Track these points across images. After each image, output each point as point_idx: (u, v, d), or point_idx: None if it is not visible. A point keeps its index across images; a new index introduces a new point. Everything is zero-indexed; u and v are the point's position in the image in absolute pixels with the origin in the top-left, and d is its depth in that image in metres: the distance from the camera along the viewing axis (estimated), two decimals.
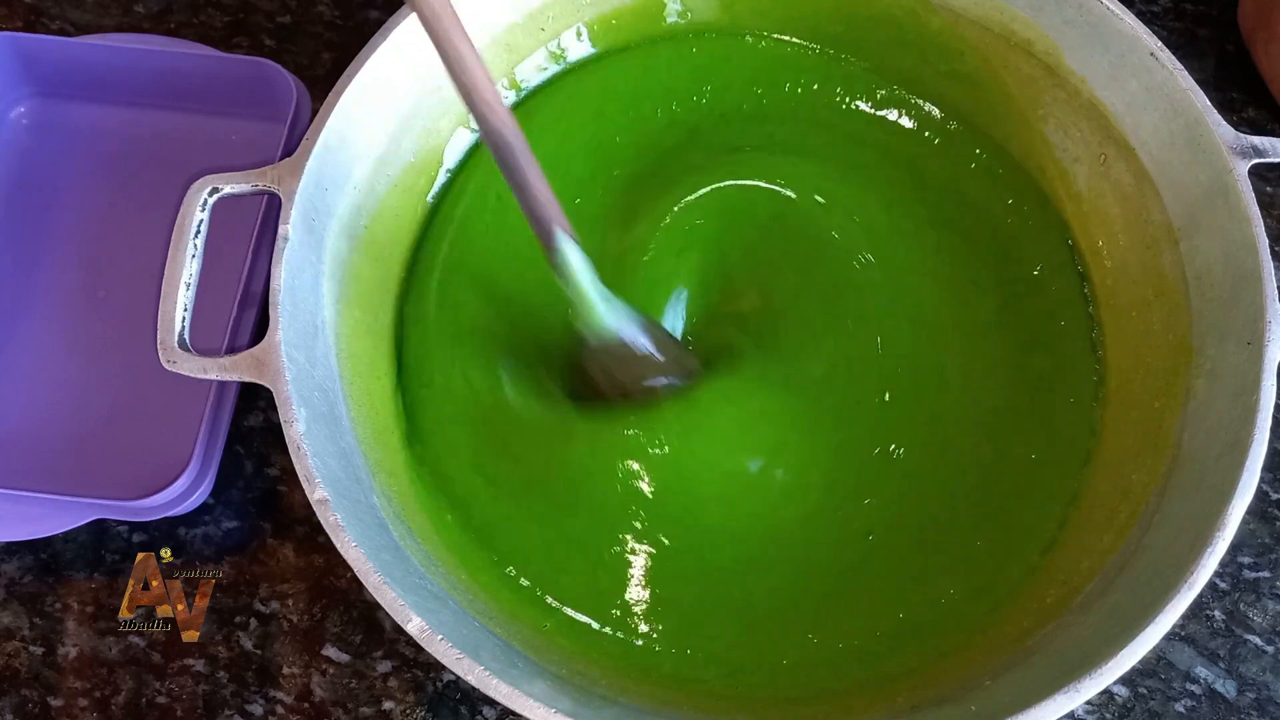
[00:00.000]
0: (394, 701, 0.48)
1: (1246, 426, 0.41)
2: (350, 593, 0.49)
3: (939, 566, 0.47)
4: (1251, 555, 0.50)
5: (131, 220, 0.54)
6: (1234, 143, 0.44)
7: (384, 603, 0.38)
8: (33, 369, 0.52)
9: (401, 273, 0.51)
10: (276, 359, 0.41)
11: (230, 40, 0.59)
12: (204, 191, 0.43)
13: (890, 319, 0.50)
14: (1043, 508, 0.48)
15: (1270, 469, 0.51)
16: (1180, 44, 0.59)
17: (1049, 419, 0.49)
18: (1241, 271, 0.44)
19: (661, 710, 0.43)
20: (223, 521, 0.50)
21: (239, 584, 0.49)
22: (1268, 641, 0.49)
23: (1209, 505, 0.41)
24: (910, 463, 0.48)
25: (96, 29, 0.59)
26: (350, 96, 0.45)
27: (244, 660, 0.48)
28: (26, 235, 0.54)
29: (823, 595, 0.47)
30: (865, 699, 0.44)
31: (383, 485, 0.45)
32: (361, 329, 0.48)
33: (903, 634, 0.46)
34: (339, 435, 0.44)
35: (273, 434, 0.51)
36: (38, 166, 0.56)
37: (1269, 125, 0.58)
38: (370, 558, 0.39)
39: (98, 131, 0.56)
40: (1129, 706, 0.48)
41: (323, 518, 0.39)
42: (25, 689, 0.48)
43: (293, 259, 0.43)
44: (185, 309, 0.42)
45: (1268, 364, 0.42)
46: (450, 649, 0.38)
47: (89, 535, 0.50)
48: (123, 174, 0.55)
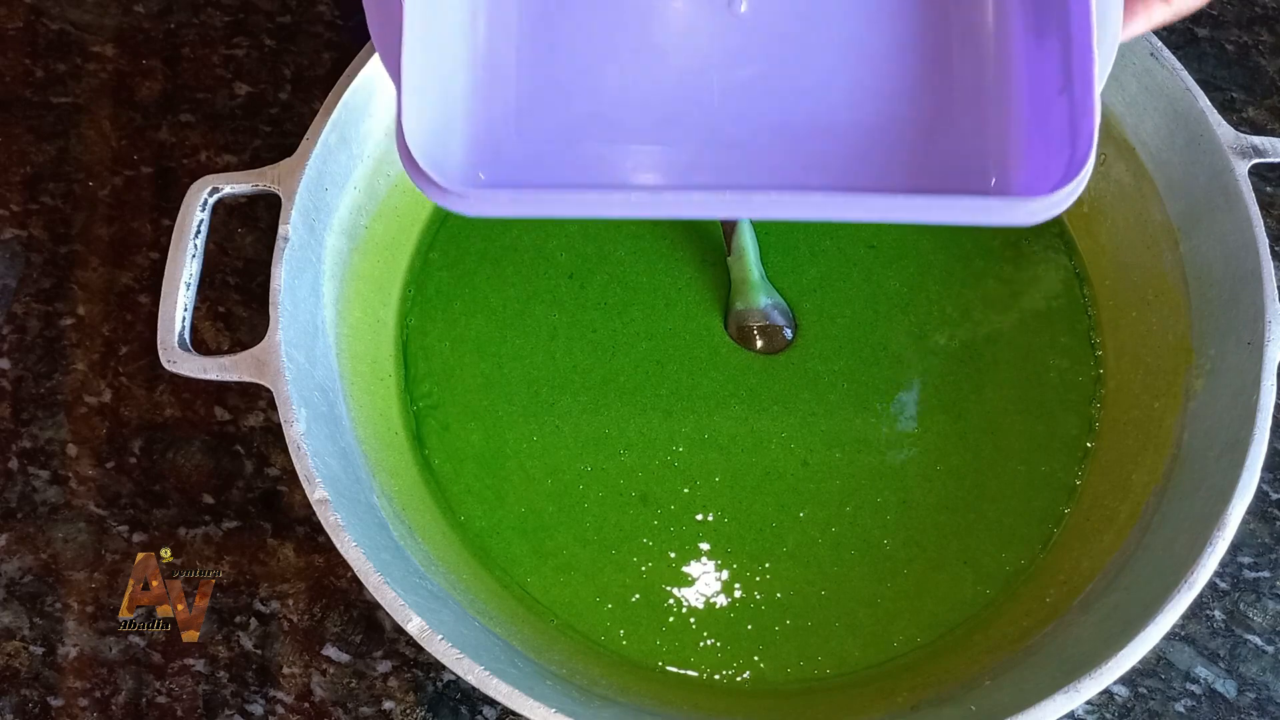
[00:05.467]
0: (394, 701, 0.48)
1: (1246, 426, 0.41)
2: (350, 593, 0.49)
3: (938, 566, 0.47)
4: (1251, 555, 0.50)
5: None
6: (1234, 143, 0.44)
7: (384, 603, 0.38)
8: None
9: (404, 273, 0.51)
10: (276, 359, 0.41)
11: (230, 40, 0.59)
12: (204, 191, 0.43)
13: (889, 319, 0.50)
14: (1042, 507, 0.48)
15: (1270, 469, 0.51)
16: (1180, 44, 0.59)
17: (1049, 419, 0.49)
18: (1241, 271, 0.44)
19: (661, 710, 0.43)
20: (223, 521, 0.50)
21: (239, 584, 0.49)
22: (1268, 641, 0.49)
23: (1209, 505, 0.41)
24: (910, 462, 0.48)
25: (97, 29, 0.59)
26: (350, 96, 0.45)
27: (244, 660, 0.48)
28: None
29: (822, 595, 0.47)
30: (865, 698, 0.45)
31: (383, 485, 0.45)
32: (362, 329, 0.48)
33: (902, 633, 0.46)
34: (339, 435, 0.44)
35: (273, 434, 0.51)
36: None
37: (1269, 125, 0.58)
38: (370, 557, 0.39)
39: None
40: (1129, 706, 0.48)
41: (323, 518, 0.39)
42: (25, 689, 0.48)
43: (293, 259, 0.43)
44: (185, 309, 0.42)
45: (1268, 364, 0.42)
46: (450, 649, 0.38)
47: (89, 535, 0.50)
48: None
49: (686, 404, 0.49)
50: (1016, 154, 0.39)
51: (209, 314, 0.53)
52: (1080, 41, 0.36)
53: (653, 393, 0.49)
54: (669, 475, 0.48)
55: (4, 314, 0.53)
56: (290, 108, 0.57)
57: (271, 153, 0.56)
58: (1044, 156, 0.37)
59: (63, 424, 0.52)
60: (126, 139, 0.56)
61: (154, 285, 0.53)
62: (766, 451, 0.49)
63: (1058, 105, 0.36)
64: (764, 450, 0.49)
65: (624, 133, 0.39)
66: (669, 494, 0.48)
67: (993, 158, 0.39)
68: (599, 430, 0.49)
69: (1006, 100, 0.39)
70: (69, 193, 0.55)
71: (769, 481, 0.48)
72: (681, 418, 0.49)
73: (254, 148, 0.56)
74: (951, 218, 0.35)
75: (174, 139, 0.56)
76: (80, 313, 0.53)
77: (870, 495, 0.48)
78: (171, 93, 0.57)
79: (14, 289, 0.54)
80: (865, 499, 0.48)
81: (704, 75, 0.40)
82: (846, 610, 0.47)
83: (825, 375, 0.50)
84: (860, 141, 0.39)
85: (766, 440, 0.49)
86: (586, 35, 0.40)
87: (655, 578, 0.47)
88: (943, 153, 0.39)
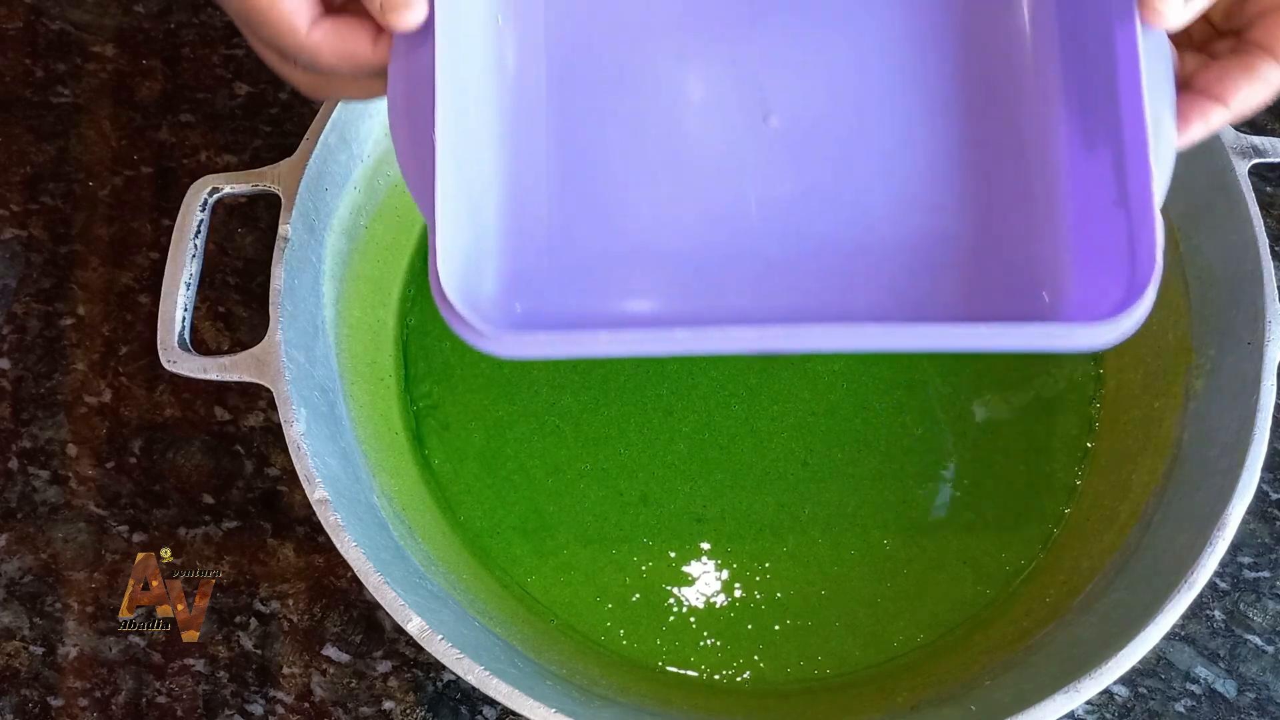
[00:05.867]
0: (394, 701, 0.48)
1: (1246, 426, 0.41)
2: (350, 593, 0.49)
3: (938, 566, 0.47)
4: (1251, 555, 0.50)
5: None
6: (1234, 143, 0.44)
7: (384, 603, 0.38)
8: None
9: (404, 273, 0.51)
10: (276, 359, 0.41)
11: (230, 40, 0.59)
12: (204, 191, 0.43)
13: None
14: (1042, 507, 0.48)
15: (1270, 469, 0.51)
16: None
17: (1049, 419, 0.49)
18: (1241, 271, 0.44)
19: (661, 710, 0.43)
20: (223, 521, 0.50)
21: (239, 584, 0.49)
22: (1268, 641, 0.49)
23: (1209, 505, 0.41)
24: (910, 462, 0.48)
25: (97, 29, 0.59)
26: None
27: (244, 660, 0.48)
28: None
29: (822, 595, 0.47)
30: (865, 698, 0.45)
31: (383, 485, 0.45)
32: (362, 329, 0.48)
33: (902, 633, 0.46)
34: (339, 435, 0.44)
35: (273, 434, 0.51)
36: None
37: (1269, 125, 0.58)
38: (370, 557, 0.39)
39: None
40: (1129, 706, 0.48)
41: (323, 518, 0.39)
42: (25, 689, 0.48)
43: (293, 259, 0.43)
44: (185, 309, 0.42)
45: (1268, 364, 0.41)
46: (450, 649, 0.38)
47: (89, 535, 0.50)
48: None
49: (686, 403, 0.49)
50: (1070, 269, 0.37)
51: (209, 314, 0.53)
52: (1135, 152, 0.34)
53: (653, 392, 0.49)
54: (669, 475, 0.48)
55: (4, 314, 0.53)
56: (290, 108, 0.57)
57: (271, 153, 0.56)
58: (1100, 272, 0.36)
59: (63, 424, 0.52)
60: (126, 139, 0.56)
61: (154, 285, 0.53)
62: (766, 451, 0.49)
63: (1113, 218, 0.35)
64: (764, 450, 0.49)
65: (660, 255, 0.38)
66: (669, 494, 0.48)
67: (1045, 273, 0.37)
68: (599, 430, 0.49)
69: (1056, 213, 0.37)
70: (69, 193, 0.55)
71: (769, 481, 0.48)
72: (682, 417, 0.49)
73: (254, 148, 0.56)
74: (1014, 345, 0.33)
75: (174, 139, 0.56)
76: (80, 313, 0.53)
77: (870, 495, 0.48)
78: (171, 93, 0.57)
79: (14, 289, 0.54)
80: (865, 499, 0.48)
81: (740, 193, 0.39)
82: (846, 610, 0.47)
83: (825, 375, 0.50)
84: (904, 258, 0.38)
85: (767, 440, 0.49)
86: (618, 158, 0.39)
87: (655, 578, 0.47)
88: (991, 268, 0.38)
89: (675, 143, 0.39)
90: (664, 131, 0.39)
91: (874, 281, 0.38)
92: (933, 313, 0.38)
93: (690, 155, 0.39)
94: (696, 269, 0.38)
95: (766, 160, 0.39)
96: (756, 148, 0.39)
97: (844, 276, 0.38)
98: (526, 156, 0.38)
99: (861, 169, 0.39)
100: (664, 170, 0.39)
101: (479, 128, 0.37)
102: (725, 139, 0.39)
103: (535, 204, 0.38)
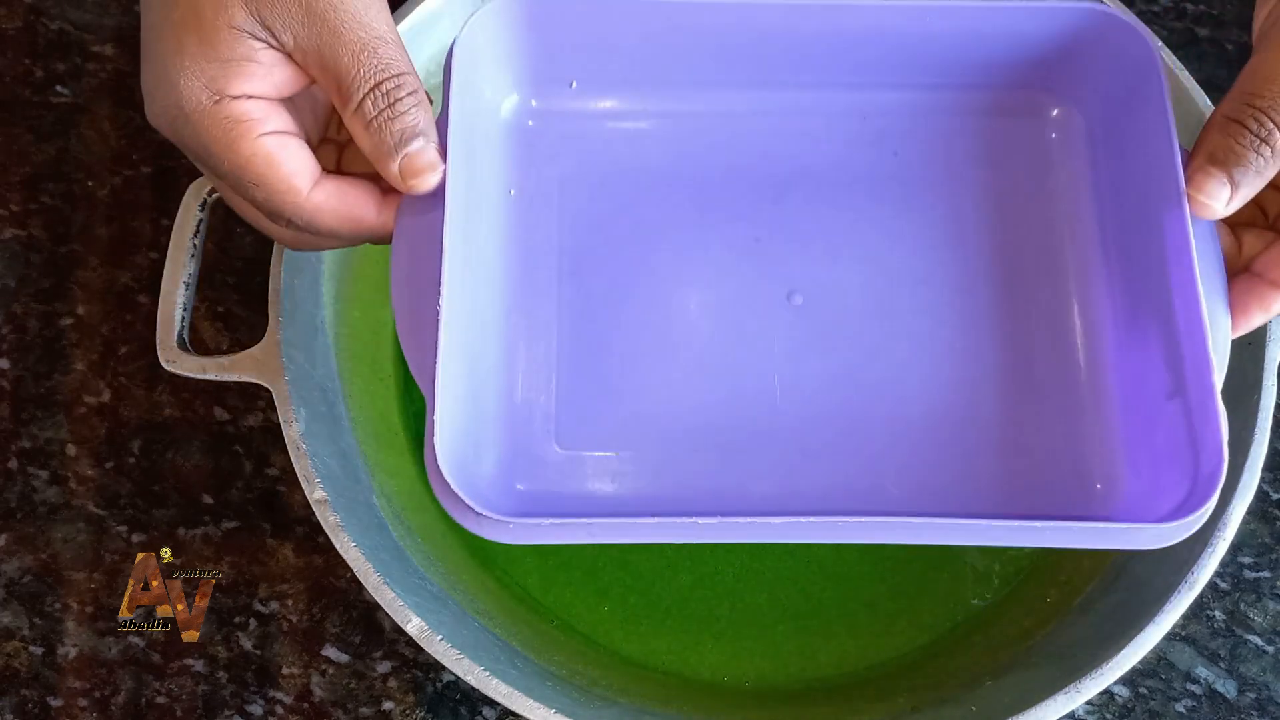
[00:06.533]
0: (394, 701, 0.48)
1: (1246, 426, 0.41)
2: (350, 593, 0.49)
3: (938, 566, 0.47)
4: (1251, 555, 0.50)
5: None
6: None
7: (384, 603, 0.38)
8: None
9: None
10: (276, 359, 0.41)
11: None
12: (203, 191, 0.43)
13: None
14: None
15: (1270, 469, 0.51)
16: (1180, 44, 0.59)
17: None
18: None
19: (661, 710, 0.43)
20: (223, 521, 0.50)
21: (239, 584, 0.49)
22: (1268, 641, 0.49)
23: None
24: None
25: (97, 28, 0.59)
26: None
27: (244, 660, 0.48)
28: None
29: (822, 595, 0.47)
30: (865, 699, 0.44)
31: (382, 485, 0.45)
32: (362, 329, 0.48)
33: (902, 633, 0.46)
34: (339, 435, 0.44)
35: (272, 434, 0.51)
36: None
37: None
38: (370, 558, 0.39)
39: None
40: (1129, 706, 0.48)
41: (322, 518, 0.39)
42: (25, 689, 0.48)
43: (292, 259, 0.43)
44: (184, 309, 0.42)
45: (1268, 364, 0.41)
46: (450, 649, 0.38)
47: (88, 535, 0.50)
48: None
49: None
50: (1121, 458, 0.36)
51: (208, 314, 0.53)
52: (1192, 345, 0.33)
53: None
54: None
55: (3, 314, 0.53)
56: None
57: None
58: (1156, 465, 0.35)
59: (62, 424, 0.52)
60: (126, 139, 0.56)
61: (153, 285, 0.53)
62: None
63: (1168, 411, 0.34)
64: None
65: (675, 437, 0.37)
66: None
67: (1093, 459, 0.37)
68: None
69: (1102, 401, 0.36)
70: (69, 193, 0.55)
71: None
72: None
73: None
74: (1069, 543, 0.32)
75: None
76: (80, 312, 0.53)
77: None
78: None
79: (13, 289, 0.54)
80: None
81: (763, 372, 0.37)
82: (846, 610, 0.47)
83: None
84: (937, 442, 0.37)
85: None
86: (633, 336, 0.38)
87: (655, 578, 0.47)
88: (1032, 451, 0.37)
89: (694, 321, 0.38)
90: (682, 309, 0.38)
91: (907, 463, 0.37)
92: (968, 497, 0.36)
93: (710, 334, 0.38)
94: (717, 451, 0.37)
95: (790, 338, 0.38)
96: (781, 326, 0.38)
97: (873, 460, 0.37)
98: (536, 334, 0.37)
99: (891, 347, 0.38)
100: (682, 349, 0.38)
101: (486, 304, 0.35)
102: (747, 317, 0.38)
103: (542, 383, 0.37)
